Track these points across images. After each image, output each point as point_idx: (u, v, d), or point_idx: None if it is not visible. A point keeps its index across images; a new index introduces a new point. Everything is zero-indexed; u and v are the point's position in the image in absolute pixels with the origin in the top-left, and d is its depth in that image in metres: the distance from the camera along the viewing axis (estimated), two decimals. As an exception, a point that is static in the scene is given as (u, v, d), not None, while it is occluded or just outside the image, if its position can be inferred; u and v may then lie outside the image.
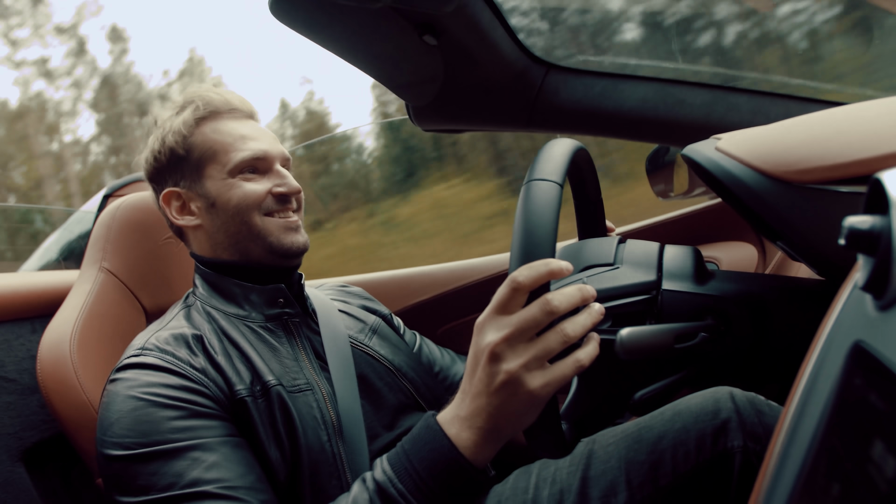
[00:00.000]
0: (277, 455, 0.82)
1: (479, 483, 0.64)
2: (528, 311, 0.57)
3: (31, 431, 1.04)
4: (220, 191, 0.93)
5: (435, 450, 0.64)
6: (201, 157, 0.94)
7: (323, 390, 0.89)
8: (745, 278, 0.63)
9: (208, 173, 0.94)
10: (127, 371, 0.81)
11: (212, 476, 0.72)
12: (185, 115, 0.95)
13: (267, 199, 0.94)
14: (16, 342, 1.09)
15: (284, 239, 0.94)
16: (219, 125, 0.96)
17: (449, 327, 1.55)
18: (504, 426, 0.60)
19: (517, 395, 0.58)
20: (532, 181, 0.59)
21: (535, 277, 0.56)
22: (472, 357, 0.62)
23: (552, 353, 0.57)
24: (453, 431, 0.63)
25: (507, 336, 0.57)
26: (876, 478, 0.25)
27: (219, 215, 0.94)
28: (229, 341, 0.89)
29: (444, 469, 0.63)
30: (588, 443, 0.86)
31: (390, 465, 0.67)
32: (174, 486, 0.71)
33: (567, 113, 1.05)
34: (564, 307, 0.56)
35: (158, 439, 0.74)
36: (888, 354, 0.27)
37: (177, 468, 0.72)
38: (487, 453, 0.63)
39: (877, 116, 0.51)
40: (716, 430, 0.75)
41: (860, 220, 0.31)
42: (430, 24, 0.90)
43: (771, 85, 1.04)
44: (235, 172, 0.93)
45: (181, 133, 0.94)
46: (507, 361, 0.57)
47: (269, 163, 0.96)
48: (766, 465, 0.35)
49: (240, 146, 0.94)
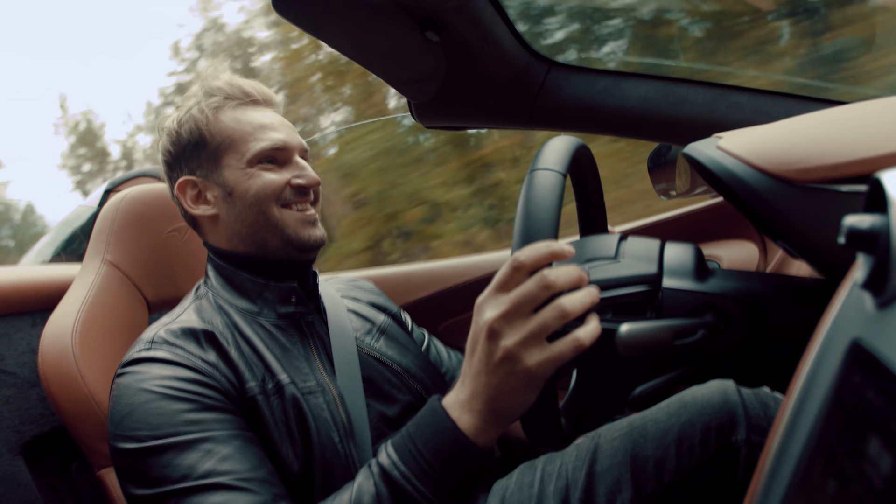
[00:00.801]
0: (290, 454, 0.82)
1: (484, 465, 0.64)
2: (525, 286, 0.57)
3: (31, 425, 1.04)
4: (237, 180, 0.92)
5: (439, 432, 0.63)
6: (220, 146, 0.93)
7: (334, 392, 0.89)
8: (745, 276, 0.63)
9: (226, 162, 0.93)
10: (137, 365, 0.81)
11: (225, 468, 0.72)
12: (204, 102, 0.94)
13: (286, 190, 0.93)
14: (16, 336, 1.10)
15: (302, 232, 0.93)
16: (238, 114, 0.95)
17: (450, 323, 1.55)
18: (504, 406, 0.60)
19: (515, 372, 0.57)
20: (535, 170, 0.59)
21: (536, 257, 0.56)
22: (471, 337, 0.61)
23: (549, 328, 0.56)
24: (456, 414, 0.63)
25: (504, 312, 0.57)
26: (873, 475, 0.25)
27: (236, 205, 0.93)
28: (242, 337, 0.88)
29: (449, 451, 0.63)
30: (594, 436, 0.86)
31: (395, 450, 0.67)
32: (188, 478, 0.71)
33: (569, 110, 1.05)
34: (561, 282, 0.56)
35: (171, 431, 0.74)
36: (886, 352, 0.27)
37: (190, 460, 0.72)
38: (491, 435, 0.63)
39: (877, 116, 0.51)
40: (721, 424, 0.75)
41: (860, 218, 0.31)
42: (432, 20, 0.90)
43: (772, 84, 1.04)
44: (254, 162, 0.92)
45: (200, 121, 0.93)
46: (504, 338, 0.57)
47: (288, 153, 0.95)
48: (764, 461, 0.35)
49: (259, 136, 0.93)
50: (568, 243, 0.71)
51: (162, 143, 0.97)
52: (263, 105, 0.99)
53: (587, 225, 0.86)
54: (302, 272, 0.98)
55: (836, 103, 0.92)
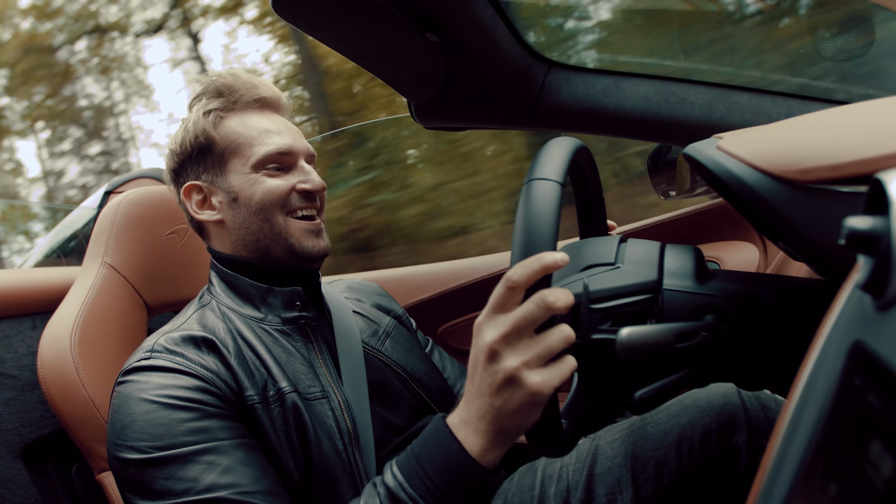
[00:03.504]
0: (291, 463, 0.81)
1: (490, 485, 0.63)
2: (525, 308, 0.56)
3: (31, 428, 1.04)
4: (242, 186, 0.92)
5: (445, 453, 0.63)
6: (224, 151, 0.92)
7: (339, 397, 0.88)
8: (745, 278, 0.62)
9: (231, 167, 0.92)
10: (137, 374, 0.80)
11: (226, 481, 0.72)
12: (210, 105, 0.94)
13: (291, 195, 0.92)
14: (16, 338, 1.09)
15: (305, 242, 0.93)
16: (244, 118, 0.94)
17: (449, 325, 1.55)
18: (509, 426, 0.60)
19: (517, 394, 0.57)
20: (533, 180, 0.59)
21: (528, 274, 0.55)
22: (472, 358, 0.61)
23: (554, 351, 0.57)
24: (461, 434, 0.63)
25: (504, 334, 0.57)
26: (874, 478, 0.25)
27: (241, 211, 0.92)
28: (245, 343, 0.87)
29: (456, 473, 0.62)
30: (594, 438, 0.86)
31: (400, 470, 0.66)
32: (190, 492, 0.71)
33: (569, 111, 1.05)
34: (561, 304, 0.55)
35: (173, 442, 0.74)
36: (887, 354, 0.27)
37: (192, 472, 0.72)
38: (496, 454, 0.63)
39: (877, 116, 0.51)
40: (721, 426, 0.75)
41: (860, 220, 0.31)
42: (432, 21, 0.90)
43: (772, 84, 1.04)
44: (259, 167, 0.92)
45: (205, 125, 0.92)
46: (505, 360, 0.57)
47: (293, 158, 0.94)
48: (765, 464, 0.35)
49: (264, 140, 0.92)
50: (567, 245, 0.71)
51: (170, 147, 0.97)
52: (271, 108, 0.98)
53: (586, 226, 0.85)
54: (307, 278, 0.98)
55: (837, 103, 0.92)
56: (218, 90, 0.95)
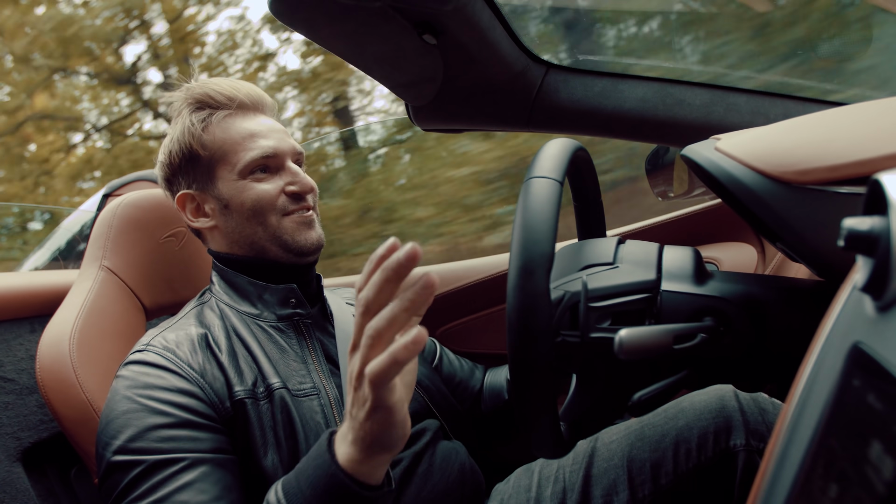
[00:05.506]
0: (276, 460, 0.81)
1: (364, 499, 0.61)
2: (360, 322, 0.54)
3: (29, 431, 1.04)
4: (232, 193, 0.92)
5: (319, 466, 0.62)
6: (211, 160, 0.93)
7: (330, 395, 0.88)
8: (744, 279, 0.62)
9: (219, 175, 0.93)
10: (129, 367, 0.82)
11: (183, 498, 0.71)
12: (194, 115, 0.94)
13: (280, 198, 0.93)
14: (14, 342, 1.09)
15: (298, 237, 0.93)
16: (227, 124, 0.94)
17: (448, 328, 1.55)
18: (371, 431, 0.57)
19: (361, 391, 0.55)
20: (532, 178, 0.59)
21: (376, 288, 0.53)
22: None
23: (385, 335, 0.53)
24: (339, 448, 0.62)
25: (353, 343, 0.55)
26: (874, 479, 0.25)
27: (233, 217, 0.93)
28: (238, 340, 0.88)
29: (327, 486, 0.61)
30: (591, 440, 0.86)
31: (283, 488, 0.66)
32: (143, 499, 0.71)
33: (566, 112, 1.05)
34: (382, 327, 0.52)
35: (143, 447, 0.74)
36: (887, 356, 0.27)
37: (151, 482, 0.72)
38: (370, 466, 0.60)
39: (877, 117, 0.51)
40: (718, 429, 0.75)
41: (859, 221, 0.31)
42: (430, 23, 0.90)
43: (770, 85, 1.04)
44: (246, 173, 0.92)
45: (191, 134, 0.93)
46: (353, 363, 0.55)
47: (280, 160, 0.94)
48: (765, 466, 0.35)
49: (248, 146, 0.92)
50: (566, 246, 0.71)
51: (160, 159, 0.98)
52: (253, 111, 0.97)
53: (585, 228, 0.85)
54: (303, 275, 0.98)
55: (835, 104, 0.92)
56: (198, 101, 0.94)
